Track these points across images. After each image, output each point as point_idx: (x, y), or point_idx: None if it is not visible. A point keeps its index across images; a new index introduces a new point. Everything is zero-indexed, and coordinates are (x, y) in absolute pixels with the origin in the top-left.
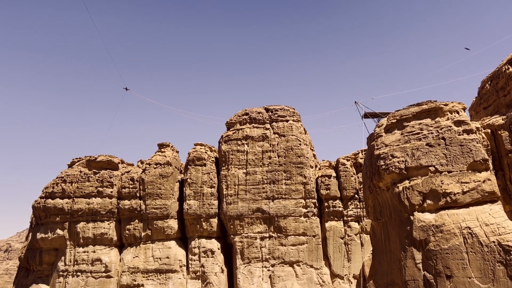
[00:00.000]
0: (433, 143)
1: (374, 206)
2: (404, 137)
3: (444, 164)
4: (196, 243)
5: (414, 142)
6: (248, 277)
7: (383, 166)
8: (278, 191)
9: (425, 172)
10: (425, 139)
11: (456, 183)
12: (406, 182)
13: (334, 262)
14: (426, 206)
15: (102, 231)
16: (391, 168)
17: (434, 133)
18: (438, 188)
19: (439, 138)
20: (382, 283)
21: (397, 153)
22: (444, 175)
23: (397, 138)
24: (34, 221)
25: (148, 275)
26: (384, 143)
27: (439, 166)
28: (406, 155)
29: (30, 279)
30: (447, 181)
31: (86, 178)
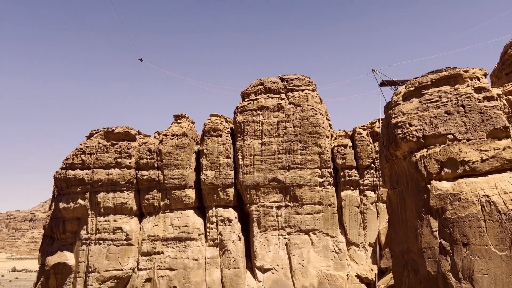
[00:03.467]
0: (452, 111)
1: (391, 175)
2: (422, 105)
3: (463, 132)
4: (214, 212)
5: (432, 110)
6: (264, 245)
7: (400, 134)
8: (294, 161)
9: (443, 141)
10: (443, 106)
11: (475, 151)
12: (424, 150)
13: (349, 230)
14: (443, 175)
15: (122, 200)
16: (409, 137)
17: (453, 101)
18: (456, 156)
19: (458, 105)
20: (398, 251)
21: (415, 122)
22: (462, 143)
23: (415, 106)
24: (56, 191)
25: (168, 243)
26: (402, 111)
27: (457, 134)
28: (424, 123)
29: (55, 246)
30: (465, 149)
31: (104, 150)
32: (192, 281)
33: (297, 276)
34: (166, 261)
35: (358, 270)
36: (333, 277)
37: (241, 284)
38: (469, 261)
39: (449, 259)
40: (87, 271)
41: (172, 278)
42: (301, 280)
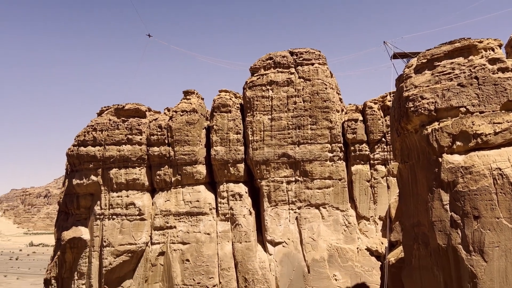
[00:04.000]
0: (465, 83)
1: (402, 149)
2: (434, 78)
3: (476, 105)
4: (225, 187)
5: (445, 83)
6: (275, 219)
7: (412, 108)
8: (304, 136)
9: (455, 113)
10: (456, 79)
11: (488, 123)
12: (436, 124)
13: (360, 204)
14: (455, 148)
15: (134, 176)
16: (420, 110)
17: (467, 73)
18: (468, 129)
19: (471, 77)
20: (408, 224)
21: (427, 95)
22: (475, 116)
23: (427, 79)
24: (69, 168)
25: (180, 218)
26: (414, 84)
27: (470, 106)
28: (436, 96)
29: (69, 222)
30: (478, 122)
31: (115, 126)
32: (204, 255)
33: (308, 249)
34: (178, 235)
35: (368, 243)
36: (343, 250)
37: (252, 257)
38: (480, 233)
39: (460, 232)
40: (102, 245)
41: (185, 252)
42: (312, 253)
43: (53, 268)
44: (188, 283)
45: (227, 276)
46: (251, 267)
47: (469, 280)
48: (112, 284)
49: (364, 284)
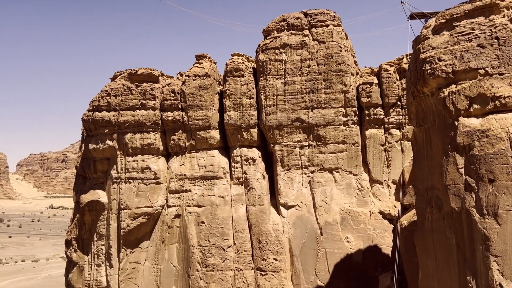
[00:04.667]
0: (485, 44)
1: (417, 112)
2: (453, 39)
3: (495, 66)
4: (238, 152)
5: (464, 44)
6: (288, 183)
7: (429, 70)
8: (318, 100)
9: (473, 76)
10: (476, 39)
11: (507, 86)
12: (453, 86)
13: (373, 168)
14: (472, 111)
15: (149, 141)
16: (437, 72)
17: (487, 33)
18: (487, 91)
19: (492, 38)
20: (422, 188)
21: (445, 56)
22: (494, 78)
23: (445, 40)
24: (85, 133)
25: (195, 181)
26: (431, 45)
27: (489, 68)
28: (454, 57)
29: (87, 185)
30: (497, 84)
31: (129, 91)
32: (219, 217)
33: (320, 212)
34: (193, 198)
35: (381, 206)
36: (356, 213)
37: (265, 219)
38: (494, 197)
39: (474, 196)
40: (119, 208)
41: (200, 214)
42: (324, 216)
43: (73, 230)
44: (203, 244)
45: (241, 238)
46: (264, 229)
47: (482, 242)
48: (130, 245)
49: (376, 246)
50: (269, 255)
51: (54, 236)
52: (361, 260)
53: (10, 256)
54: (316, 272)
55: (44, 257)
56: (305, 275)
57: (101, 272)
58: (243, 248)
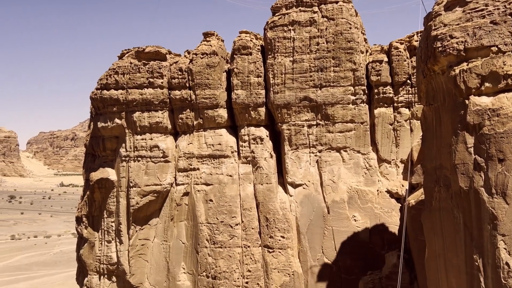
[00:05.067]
0: (499, 21)
1: (427, 91)
2: (465, 15)
3: (508, 44)
4: (246, 131)
5: (476, 20)
6: (296, 162)
7: (440, 48)
8: (326, 79)
9: (486, 53)
10: (489, 16)
11: None
12: (464, 64)
13: (381, 147)
14: (483, 90)
15: (157, 120)
16: (449, 50)
17: (501, 9)
18: (499, 69)
19: (506, 14)
20: (430, 167)
21: (456, 33)
22: (507, 56)
23: (457, 17)
24: (94, 111)
25: (203, 160)
26: (443, 22)
27: (502, 46)
28: (467, 35)
29: (96, 163)
30: (510, 62)
31: (136, 70)
32: (227, 195)
33: (328, 191)
34: (202, 176)
35: (388, 185)
36: (363, 192)
37: (273, 198)
38: (503, 176)
39: (483, 175)
40: (129, 186)
41: (208, 192)
42: (332, 195)
43: (83, 207)
44: (212, 221)
45: (249, 216)
46: (272, 208)
47: (490, 221)
48: (139, 222)
49: (383, 225)
50: (276, 232)
51: (65, 213)
52: (368, 239)
53: (23, 232)
54: (323, 249)
55: (56, 233)
56: (312, 252)
57: (112, 248)
58: (251, 225)
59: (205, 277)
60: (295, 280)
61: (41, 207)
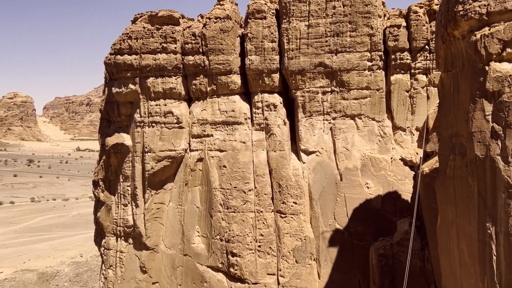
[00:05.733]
0: None
1: (446, 56)
2: None
3: None
4: (259, 97)
5: None
6: (309, 129)
7: (461, 11)
8: (342, 44)
9: (509, 17)
10: None
11: None
12: (486, 29)
13: (397, 115)
14: (505, 55)
15: (171, 86)
16: (470, 14)
17: None
18: None
19: None
20: (446, 135)
21: None
22: None
23: None
24: (108, 76)
25: (216, 127)
26: None
27: None
28: None
29: (112, 128)
30: None
31: (150, 34)
32: (240, 162)
33: (341, 158)
34: (215, 143)
35: (402, 153)
36: (377, 160)
37: (286, 165)
38: None
39: (500, 143)
40: (144, 151)
41: (222, 159)
42: (345, 162)
43: (99, 171)
44: (225, 187)
45: (262, 182)
46: (285, 174)
47: (504, 190)
48: (155, 187)
49: (396, 193)
50: (288, 198)
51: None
52: (380, 206)
53: (42, 195)
54: (334, 216)
55: (73, 196)
56: (323, 218)
57: (128, 211)
58: (264, 191)
59: (219, 240)
60: (307, 244)
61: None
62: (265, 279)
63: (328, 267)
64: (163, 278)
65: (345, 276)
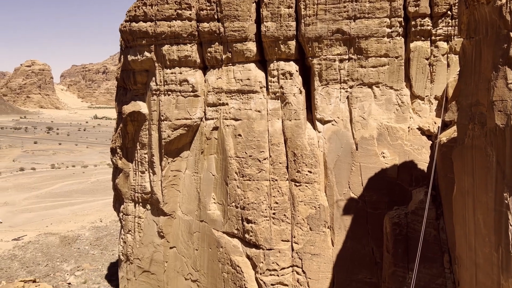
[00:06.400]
0: None
1: (469, 22)
2: None
3: None
4: (275, 65)
5: None
6: (325, 98)
7: None
8: (361, 9)
9: None
10: None
11: None
12: None
13: (415, 83)
14: None
15: (186, 53)
16: None
17: None
18: None
19: None
20: (466, 104)
21: None
22: None
23: None
24: (123, 44)
25: (231, 95)
26: None
27: None
28: None
29: (128, 97)
30: None
31: (164, 1)
32: (255, 130)
33: (357, 127)
34: (230, 112)
35: (420, 123)
36: (394, 129)
37: (301, 134)
38: None
39: None
40: (160, 119)
41: (237, 127)
42: (361, 132)
43: (117, 139)
44: (240, 155)
45: (277, 151)
46: (300, 143)
47: None
48: (171, 154)
49: (412, 162)
50: (303, 167)
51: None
52: (396, 175)
53: (62, 161)
54: (349, 185)
55: (92, 163)
56: (338, 187)
57: (145, 178)
58: (279, 160)
59: (234, 207)
60: (321, 212)
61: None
62: (280, 245)
63: (342, 235)
64: (180, 243)
65: (359, 244)
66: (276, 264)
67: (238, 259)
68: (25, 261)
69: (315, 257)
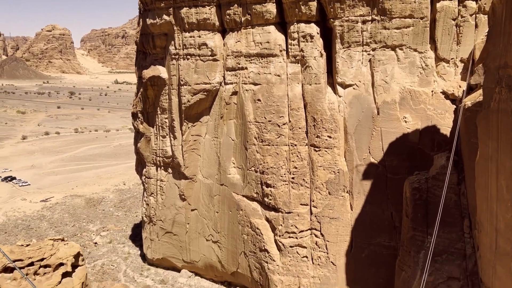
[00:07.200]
0: None
1: None
2: None
3: None
4: (295, 27)
5: None
6: (347, 61)
7: None
8: None
9: None
10: None
11: None
12: None
13: (441, 45)
14: None
15: (204, 16)
16: None
17: None
18: None
19: None
20: (493, 66)
21: None
22: None
23: None
24: (142, 7)
25: (251, 59)
26: None
27: None
28: None
29: (148, 61)
30: None
31: None
32: (275, 95)
33: (379, 91)
34: (250, 76)
35: (444, 86)
36: (417, 93)
37: (321, 98)
38: None
39: None
40: (179, 84)
41: (256, 92)
42: (383, 96)
43: (138, 103)
44: (259, 120)
45: (296, 116)
46: (320, 108)
47: None
48: (191, 119)
49: (434, 127)
50: (323, 132)
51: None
52: (417, 140)
53: (85, 126)
54: (369, 150)
55: (114, 128)
56: (358, 152)
57: (166, 142)
58: (298, 125)
59: (254, 171)
60: (340, 177)
61: (99, 103)
62: (298, 209)
63: (361, 199)
64: (201, 205)
65: (378, 208)
66: (295, 227)
67: (258, 222)
68: (53, 222)
69: (334, 220)
